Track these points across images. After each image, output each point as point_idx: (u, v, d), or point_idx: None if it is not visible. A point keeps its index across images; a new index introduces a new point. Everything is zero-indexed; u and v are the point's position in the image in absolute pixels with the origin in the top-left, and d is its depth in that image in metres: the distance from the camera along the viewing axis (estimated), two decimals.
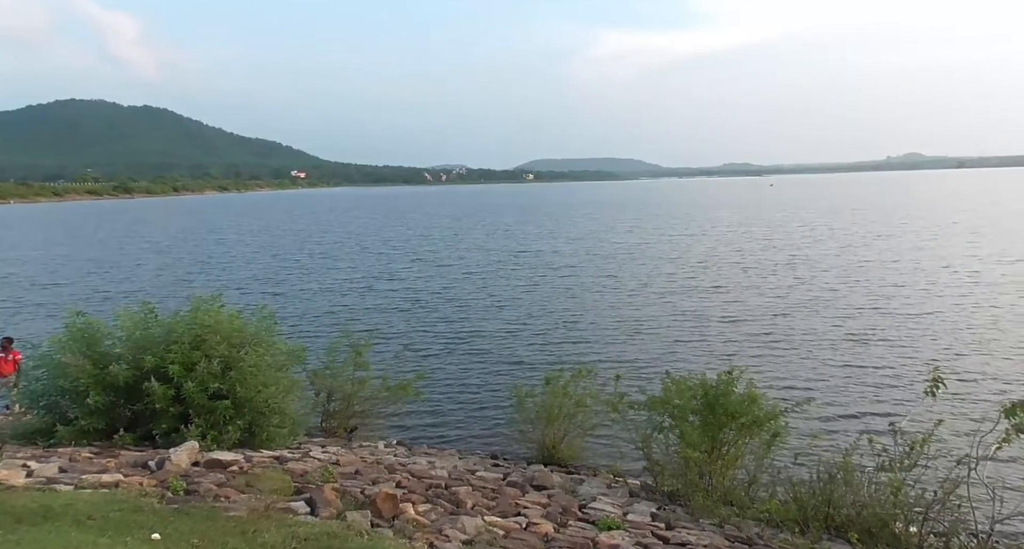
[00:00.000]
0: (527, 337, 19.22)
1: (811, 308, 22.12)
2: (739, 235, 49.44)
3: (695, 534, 6.42)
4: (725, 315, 21.41)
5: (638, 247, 42.85)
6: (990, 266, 29.84)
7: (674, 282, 28.10)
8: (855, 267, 30.80)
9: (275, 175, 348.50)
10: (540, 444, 9.81)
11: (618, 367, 14.38)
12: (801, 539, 6.40)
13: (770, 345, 17.75)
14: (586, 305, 23.71)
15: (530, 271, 32.58)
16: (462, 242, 49.18)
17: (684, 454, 7.66)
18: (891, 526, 6.42)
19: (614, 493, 7.96)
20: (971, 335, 18.08)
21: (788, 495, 7.25)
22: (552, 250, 41.95)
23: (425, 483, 6.92)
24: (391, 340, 18.75)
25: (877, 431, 7.71)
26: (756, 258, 35.47)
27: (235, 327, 7.69)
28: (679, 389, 8.35)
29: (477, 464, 9.02)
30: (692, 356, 16.56)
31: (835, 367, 15.65)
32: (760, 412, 7.82)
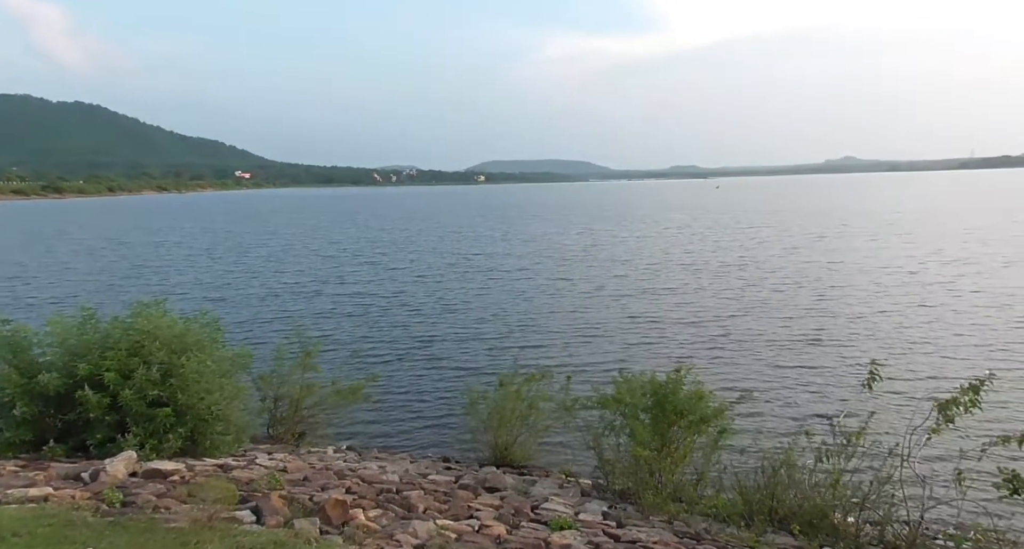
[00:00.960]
0: (480, 340, 19.20)
1: (759, 309, 22.72)
2: (689, 237, 50.47)
3: (645, 531, 6.51)
4: (676, 316, 21.81)
5: (591, 249, 43.28)
6: (926, 266, 31.19)
7: (626, 284, 28.46)
8: (800, 268, 31.77)
9: (218, 175, 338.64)
10: (493, 446, 9.80)
11: (571, 369, 14.55)
12: (746, 532, 6.58)
13: (719, 345, 18.16)
14: (540, 308, 23.81)
15: (483, 274, 32.52)
16: (413, 245, 48.71)
17: (635, 452, 7.76)
18: (830, 517, 6.67)
19: (566, 493, 8.00)
20: (906, 333, 18.88)
21: (734, 490, 7.45)
22: (505, 252, 42.02)
23: (376, 488, 6.82)
24: (341, 344, 18.46)
25: (819, 426, 8.02)
26: (706, 260, 36.26)
27: (176, 332, 7.41)
28: (630, 388, 8.46)
29: (429, 467, 8.95)
30: (644, 357, 16.81)
31: (780, 366, 16.12)
32: (708, 409, 7.99)
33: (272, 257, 41.39)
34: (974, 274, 28.28)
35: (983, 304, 22.26)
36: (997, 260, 32.10)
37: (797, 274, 30.01)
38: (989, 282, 26.24)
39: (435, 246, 47.15)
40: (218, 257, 41.54)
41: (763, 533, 6.57)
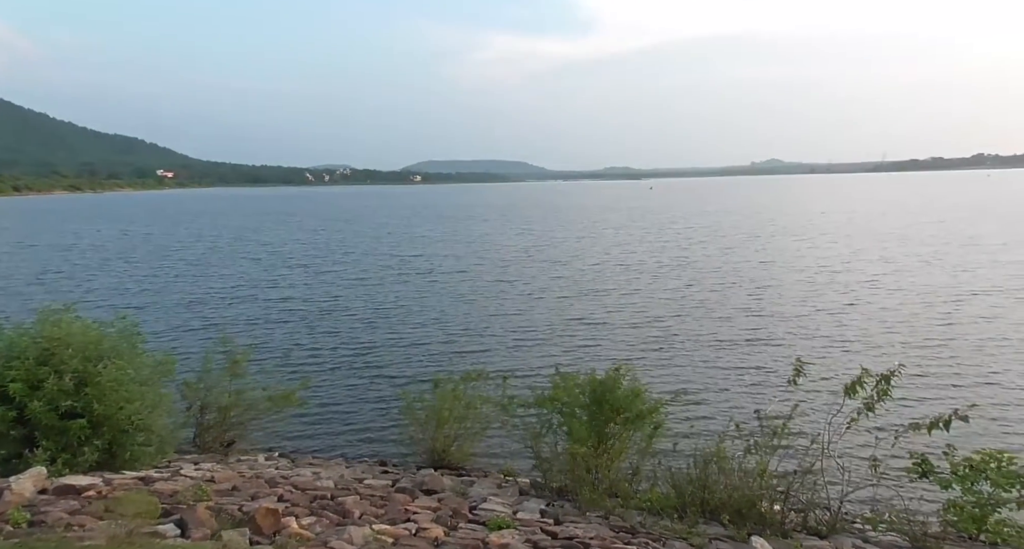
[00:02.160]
0: (417, 343, 18.98)
1: (696, 309, 23.25)
2: (627, 237, 51.34)
3: (582, 527, 6.58)
4: (614, 317, 22.05)
5: (531, 250, 43.41)
6: (849, 266, 32.63)
7: (566, 285, 28.63)
8: (734, 268, 32.74)
9: (138, 174, 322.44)
10: (430, 448, 9.71)
11: (510, 371, 14.53)
12: (679, 524, 6.75)
13: (656, 345, 18.49)
14: (479, 310, 23.70)
15: (421, 276, 32.15)
16: (349, 247, 47.67)
17: (572, 450, 7.84)
18: (758, 506, 6.91)
19: (504, 493, 8.01)
20: (832, 330, 19.68)
21: (668, 484, 7.63)
22: (443, 254, 41.68)
23: (309, 495, 6.64)
24: (273, 350, 17.89)
25: (748, 420, 8.27)
26: (642, 260, 36.93)
27: (90, 339, 6.99)
28: (567, 386, 8.54)
29: (365, 472, 8.78)
30: (583, 358, 16.87)
31: (714, 364, 16.56)
32: (643, 406, 8.15)
33: (198, 261, 39.61)
34: (894, 272, 29.78)
35: (903, 301, 23.42)
36: (915, 259, 33.91)
37: (732, 274, 30.87)
38: (910, 280, 27.63)
39: (371, 248, 46.33)
40: (138, 262, 39.32)
41: (695, 524, 6.75)
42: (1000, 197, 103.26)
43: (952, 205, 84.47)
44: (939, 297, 23.85)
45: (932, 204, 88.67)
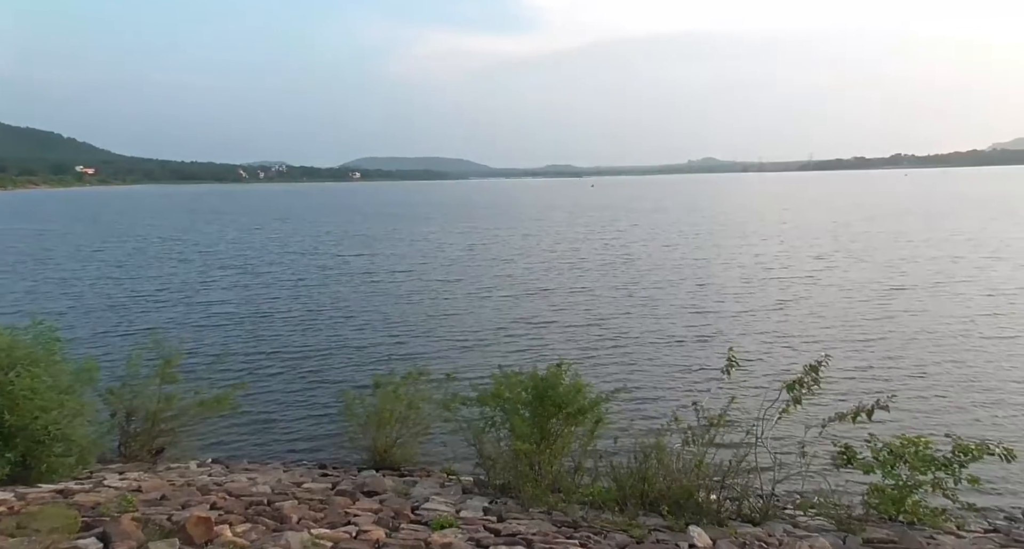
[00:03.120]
0: (358, 344, 18.64)
1: (637, 305, 23.62)
2: (570, 235, 51.71)
3: (525, 523, 6.61)
4: (558, 316, 22.08)
5: (475, 248, 43.25)
6: (783, 262, 33.75)
7: (510, 284, 28.58)
8: (676, 266, 33.35)
9: (55, 171, 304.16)
10: (371, 449, 9.56)
11: (454, 369, 14.41)
12: (620, 517, 6.86)
13: (599, 341, 18.70)
14: (422, 310, 23.40)
15: (361, 276, 31.50)
16: (285, 246, 46.31)
17: (515, 446, 7.86)
18: (695, 496, 7.10)
19: (447, 492, 7.96)
20: (769, 324, 20.31)
21: (609, 477, 7.74)
22: (385, 253, 41.02)
23: (245, 501, 6.43)
24: (205, 353, 17.19)
25: (687, 413, 8.48)
26: (585, 258, 37.24)
27: (1, 345, 6.56)
28: (510, 383, 8.54)
29: (304, 475, 8.56)
30: (527, 357, 16.85)
31: (655, 359, 16.84)
32: (585, 401, 8.23)
33: (122, 262, 37.56)
34: (827, 269, 30.87)
35: (837, 297, 24.29)
36: (847, 256, 35.32)
37: (673, 271, 31.43)
38: (842, 276, 28.68)
39: (310, 248, 45.15)
40: (56, 264, 37.04)
41: (636, 516, 6.88)
42: (918, 195, 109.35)
43: (876, 203, 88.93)
44: (870, 293, 24.85)
45: (858, 202, 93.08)
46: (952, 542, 6.44)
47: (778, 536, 6.55)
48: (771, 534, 6.62)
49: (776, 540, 6.42)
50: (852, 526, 6.83)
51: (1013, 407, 12.96)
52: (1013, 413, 12.68)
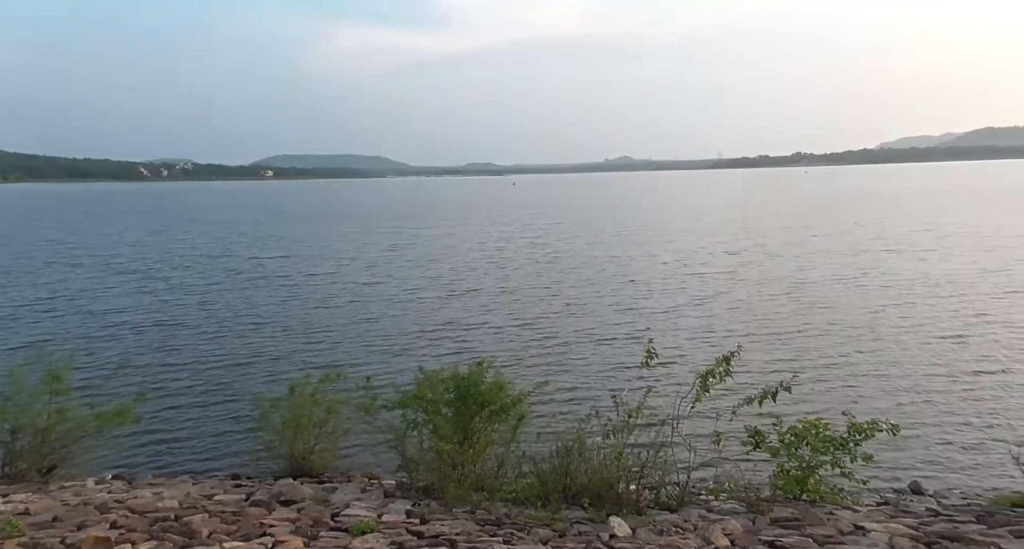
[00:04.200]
0: (273, 350, 17.95)
1: (562, 302, 23.92)
2: (494, 234, 51.68)
3: (448, 524, 6.56)
4: (481, 314, 22.12)
5: (397, 248, 42.48)
6: (702, 257, 35.07)
7: (435, 285, 28.23)
8: (598, 263, 33.99)
9: None
10: (288, 457, 9.22)
11: (375, 372, 14.15)
12: (543, 512, 6.93)
13: (524, 339, 18.85)
14: (342, 313, 22.75)
15: (279, 280, 30.27)
16: (195, 249, 43.92)
17: (437, 447, 7.80)
18: (615, 487, 7.24)
19: (369, 496, 7.80)
20: (684, 319, 21.00)
21: (532, 473, 7.80)
22: (303, 255, 39.55)
23: (149, 518, 6.07)
24: (103, 365, 15.94)
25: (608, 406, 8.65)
26: (510, 257, 37.30)
27: None
28: (431, 383, 8.46)
29: (216, 487, 8.16)
30: (451, 359, 16.54)
31: (579, 354, 17.14)
32: (507, 399, 8.25)
33: (9, 269, 34.45)
34: (741, 265, 32.20)
35: (754, 292, 25.31)
36: (761, 251, 36.98)
37: (596, 269, 31.92)
38: (757, 271, 29.98)
39: (222, 250, 42.94)
40: None
41: (558, 510, 6.96)
42: (818, 191, 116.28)
43: (782, 199, 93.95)
44: (783, 287, 25.99)
45: (766, 199, 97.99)
46: (849, 516, 6.87)
47: (693, 521, 6.79)
48: (687, 520, 6.85)
49: (692, 525, 6.66)
50: (761, 507, 7.17)
51: (907, 390, 13.97)
52: (909, 395, 13.67)
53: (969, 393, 13.53)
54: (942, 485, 9.59)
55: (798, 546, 5.86)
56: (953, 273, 27.60)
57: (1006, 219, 50.65)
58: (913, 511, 7.55)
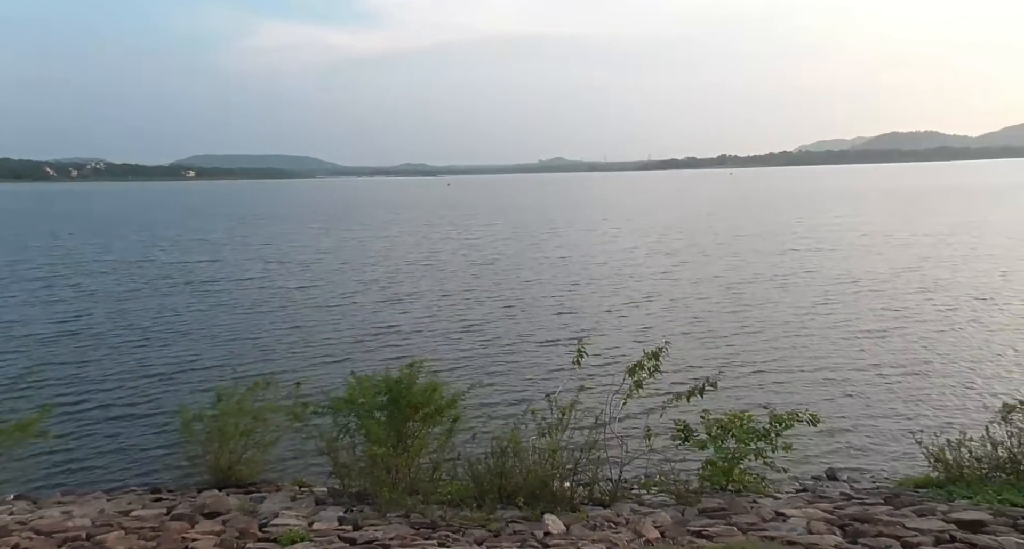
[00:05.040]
0: (197, 359, 17.11)
1: (499, 306, 23.76)
2: (433, 236, 50.95)
3: (382, 529, 6.47)
4: (421, 320, 21.68)
5: (330, 252, 41.15)
6: (638, 258, 35.58)
7: (370, 289, 27.57)
8: (535, 264, 33.99)
9: None
10: (214, 467, 8.86)
11: (305, 378, 13.68)
12: (478, 512, 6.92)
13: (462, 342, 18.64)
14: (272, 320, 21.80)
15: (205, 285, 28.88)
16: (109, 253, 41.36)
17: (370, 451, 7.68)
18: (550, 485, 7.31)
19: (299, 505, 7.61)
20: (621, 320, 21.23)
21: (467, 474, 7.78)
22: (231, 260, 37.82)
23: (57, 538, 5.72)
24: (4, 376, 14.96)
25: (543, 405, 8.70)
26: (448, 259, 36.83)
27: None
28: (363, 388, 8.32)
29: (133, 503, 7.76)
30: (383, 360, 16.19)
31: (513, 355, 17.11)
32: (441, 401, 8.20)
33: None
34: (677, 265, 32.86)
35: (688, 291, 25.85)
36: (695, 251, 37.87)
37: (534, 270, 31.94)
38: (692, 271, 30.56)
39: (139, 254, 40.58)
40: None
41: (493, 510, 6.97)
42: (744, 192, 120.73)
43: (711, 200, 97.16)
44: (716, 287, 26.58)
45: (696, 199, 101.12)
46: (770, 504, 7.17)
47: (625, 515, 6.93)
48: (619, 514, 6.99)
49: (624, 519, 6.79)
50: (689, 499, 7.40)
51: (828, 383, 14.65)
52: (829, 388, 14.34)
53: (884, 386, 14.32)
54: (855, 471, 10.14)
55: (724, 535, 6.07)
56: (872, 271, 29.11)
57: (915, 219, 53.96)
58: (829, 496, 7.96)
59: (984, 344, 17.26)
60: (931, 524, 6.13)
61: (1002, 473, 7.39)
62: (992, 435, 7.61)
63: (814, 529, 6.21)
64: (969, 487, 7.24)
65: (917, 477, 8.39)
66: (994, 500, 6.78)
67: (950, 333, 18.47)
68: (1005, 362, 15.71)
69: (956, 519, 6.21)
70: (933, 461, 7.96)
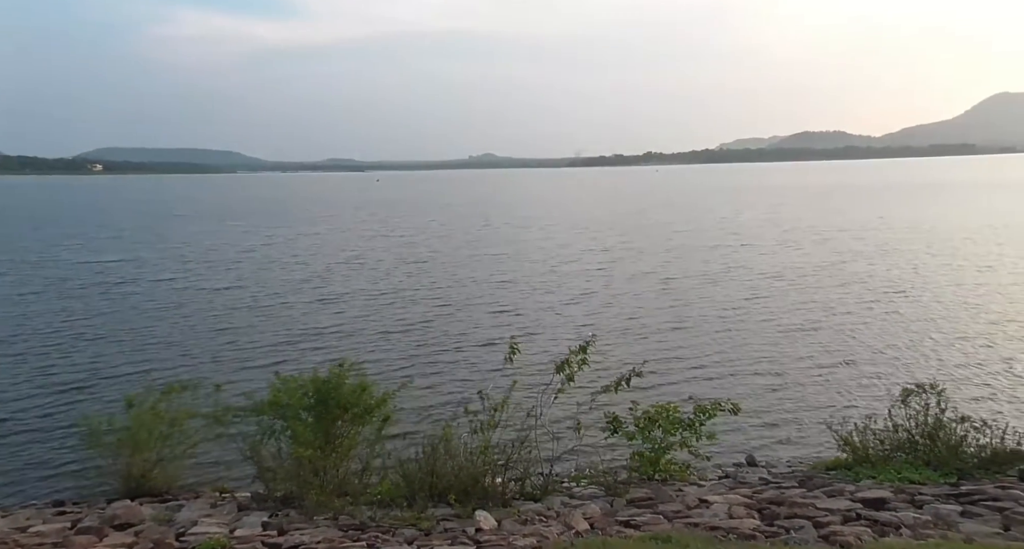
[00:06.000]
0: (109, 366, 16.06)
1: (435, 305, 23.46)
2: (367, 233, 49.86)
3: (309, 533, 6.32)
4: (348, 320, 21.14)
5: (257, 251, 39.50)
6: (574, 254, 35.89)
7: (299, 289, 26.65)
8: (471, 262, 33.82)
9: None
10: (126, 476, 8.38)
11: (228, 381, 13.12)
12: (409, 512, 6.85)
13: (392, 342, 18.35)
14: (193, 323, 20.72)
15: (118, 287, 27.19)
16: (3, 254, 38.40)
17: (297, 454, 7.47)
18: (482, 482, 7.32)
19: (220, 511, 7.31)
20: (556, 317, 21.39)
21: (398, 474, 7.68)
22: (147, 259, 35.74)
23: None
24: None
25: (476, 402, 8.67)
26: (381, 258, 36.08)
27: None
28: (289, 388, 8.08)
29: (32, 518, 7.23)
30: (312, 360, 15.76)
31: (447, 356, 16.96)
32: (371, 400, 8.06)
33: None
34: (613, 260, 33.41)
35: (625, 288, 26.14)
36: (629, 248, 38.45)
37: (470, 268, 31.70)
38: (628, 267, 31.05)
39: (43, 255, 37.73)
40: None
41: (425, 509, 6.91)
42: (671, 189, 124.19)
43: (641, 196, 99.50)
44: (649, 283, 27.09)
45: (626, 196, 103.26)
46: (695, 491, 7.42)
47: (556, 508, 7.02)
48: (550, 507, 7.06)
49: (555, 512, 6.87)
50: (618, 490, 7.55)
51: (752, 374, 15.25)
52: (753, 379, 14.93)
53: (804, 376, 15.04)
54: (773, 456, 10.62)
55: (651, 524, 6.23)
56: (795, 266, 30.48)
57: (831, 215, 56.94)
58: (748, 482, 8.31)
59: (900, 335, 18.38)
60: (839, 503, 6.50)
61: (902, 453, 7.90)
62: (893, 418, 8.12)
63: (735, 514, 6.47)
64: (874, 467, 7.71)
65: (828, 460, 8.86)
66: (895, 478, 7.25)
67: (868, 325, 19.55)
68: (919, 351, 16.77)
69: (861, 498, 6.61)
70: (842, 445, 8.42)
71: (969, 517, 6.09)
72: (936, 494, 6.67)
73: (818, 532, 5.80)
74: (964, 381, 14.28)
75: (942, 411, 7.83)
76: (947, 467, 7.37)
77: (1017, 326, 18.84)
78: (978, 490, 6.67)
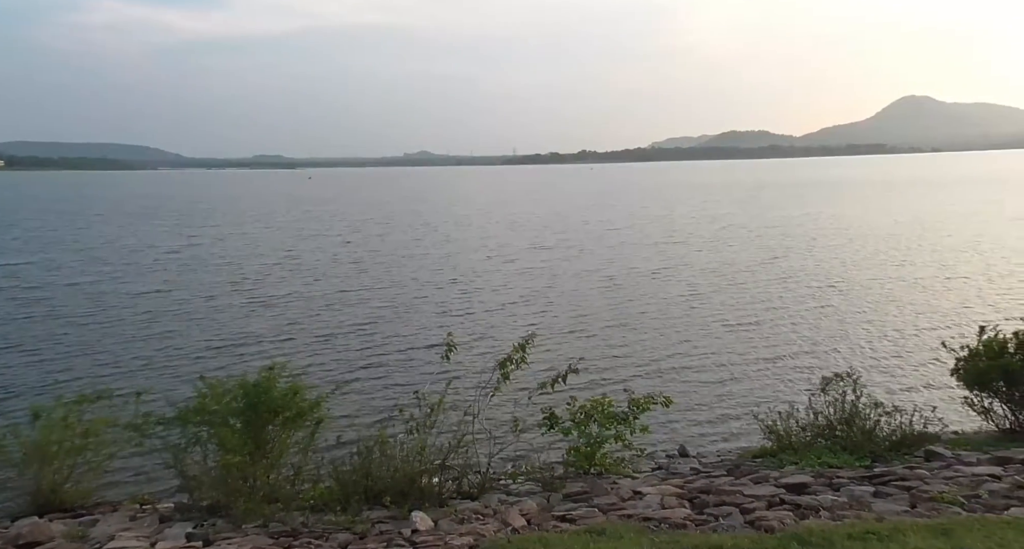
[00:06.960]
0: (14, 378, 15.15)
1: (375, 306, 23.18)
2: (306, 232, 48.69)
3: (236, 542, 6.11)
4: (283, 324, 20.62)
5: (182, 251, 37.95)
6: (514, 253, 36.06)
7: (228, 292, 25.79)
8: (411, 261, 33.54)
9: None
10: (35, 492, 7.86)
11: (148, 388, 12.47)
12: (343, 516, 6.70)
13: (329, 345, 18.02)
14: (113, 330, 19.80)
15: (24, 293, 25.62)
16: None
17: (224, 461, 7.18)
18: (418, 482, 7.23)
19: (140, 524, 6.96)
20: (494, 315, 21.48)
21: (332, 477, 7.51)
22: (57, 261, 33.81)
23: None
24: None
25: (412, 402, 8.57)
26: (318, 258, 35.36)
27: None
28: (215, 394, 7.75)
29: None
30: (240, 367, 15.09)
31: (386, 358, 16.81)
32: (304, 403, 7.84)
33: None
34: (555, 258, 33.80)
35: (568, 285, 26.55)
36: (570, 246, 38.93)
37: (411, 268, 31.46)
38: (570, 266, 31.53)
39: None
40: None
41: (359, 512, 6.78)
42: (607, 187, 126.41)
43: (579, 194, 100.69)
44: (591, 281, 27.58)
45: (564, 194, 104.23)
46: (629, 484, 7.56)
47: (493, 506, 7.01)
48: (487, 505, 7.05)
49: (492, 510, 6.86)
50: (555, 485, 7.62)
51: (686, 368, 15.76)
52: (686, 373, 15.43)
53: (737, 369, 15.68)
54: (704, 447, 10.97)
55: (586, 517, 6.30)
56: (730, 262, 31.56)
57: (761, 212, 59.24)
58: (680, 472, 8.53)
59: (831, 328, 19.36)
60: (764, 490, 6.76)
61: (822, 439, 8.28)
62: (814, 405, 8.50)
63: (667, 504, 6.63)
64: (796, 454, 8.05)
65: (755, 449, 9.21)
66: (815, 464, 7.60)
67: (802, 318, 20.50)
68: (849, 343, 17.73)
69: (785, 483, 6.90)
70: (767, 433, 8.77)
71: (881, 497, 6.43)
72: (852, 477, 7.02)
73: (744, 518, 6.00)
74: (885, 370, 15.20)
75: (857, 398, 8.25)
76: (862, 451, 7.77)
77: (927, 318, 20.14)
78: (889, 471, 7.06)
